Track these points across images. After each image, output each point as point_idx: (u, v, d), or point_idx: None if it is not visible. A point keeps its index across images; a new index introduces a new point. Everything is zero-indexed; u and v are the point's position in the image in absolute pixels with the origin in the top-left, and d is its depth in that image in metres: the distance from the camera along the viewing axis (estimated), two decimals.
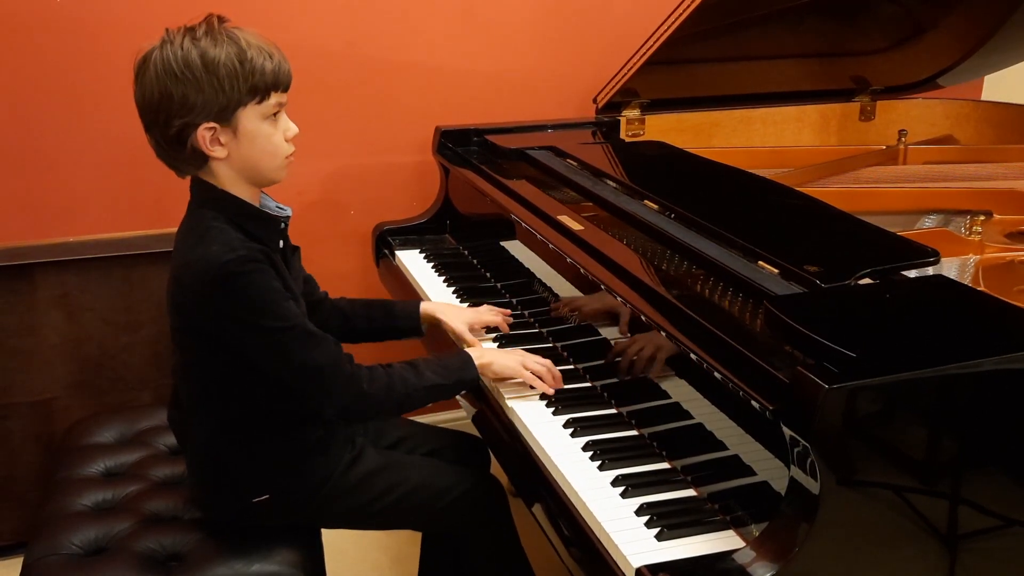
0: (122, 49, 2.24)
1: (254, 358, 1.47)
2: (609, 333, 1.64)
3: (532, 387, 1.63)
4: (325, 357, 1.48)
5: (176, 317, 1.51)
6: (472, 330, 1.83)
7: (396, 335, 1.87)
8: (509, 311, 1.89)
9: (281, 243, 1.55)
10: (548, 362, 1.66)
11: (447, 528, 1.76)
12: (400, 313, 1.86)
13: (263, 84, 1.42)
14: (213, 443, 1.56)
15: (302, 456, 1.58)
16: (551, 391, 1.62)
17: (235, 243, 1.42)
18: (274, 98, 1.45)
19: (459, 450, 1.87)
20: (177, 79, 1.38)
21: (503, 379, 1.65)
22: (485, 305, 1.91)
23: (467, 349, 1.67)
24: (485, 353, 1.66)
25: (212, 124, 1.41)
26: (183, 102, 1.39)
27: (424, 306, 1.87)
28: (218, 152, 1.44)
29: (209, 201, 1.48)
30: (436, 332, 1.90)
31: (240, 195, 1.49)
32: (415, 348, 2.02)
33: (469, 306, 1.94)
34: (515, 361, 1.64)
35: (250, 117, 1.43)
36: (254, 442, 1.55)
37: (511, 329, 1.87)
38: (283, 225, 1.55)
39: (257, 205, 1.52)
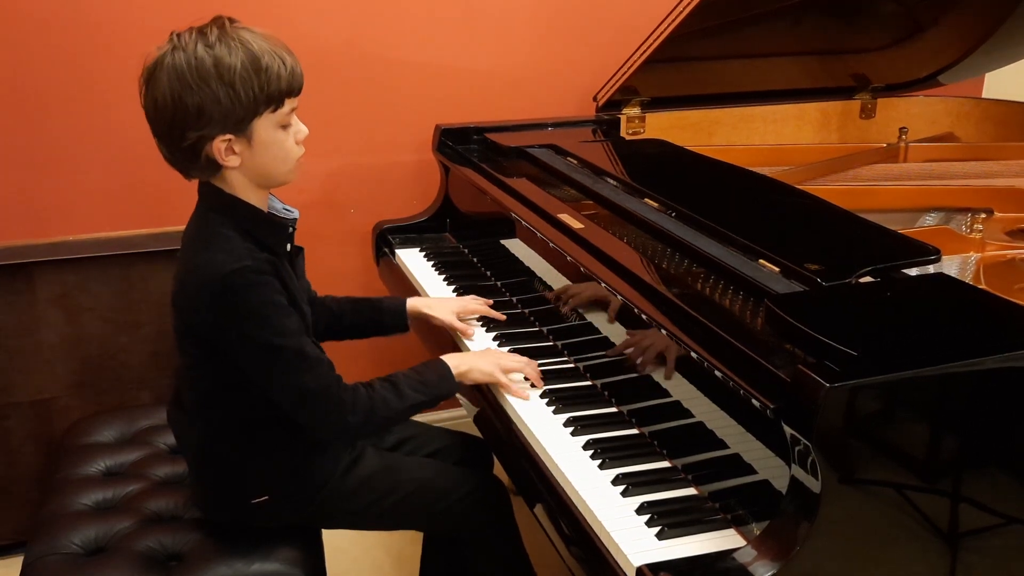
0: (122, 47, 2.25)
1: (246, 370, 1.46)
2: (609, 331, 1.64)
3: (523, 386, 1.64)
4: (314, 382, 1.45)
5: (178, 320, 1.50)
6: (461, 319, 1.86)
7: (383, 332, 1.87)
8: (491, 301, 1.92)
9: (288, 246, 1.54)
10: (524, 360, 1.66)
11: (449, 529, 1.76)
12: (387, 310, 1.85)
13: (278, 92, 1.39)
14: (213, 444, 1.55)
15: (302, 458, 1.58)
16: (527, 396, 1.61)
17: (241, 252, 1.41)
18: (288, 105, 1.42)
19: (461, 451, 1.87)
20: (192, 90, 1.35)
21: (483, 384, 1.66)
22: (469, 295, 1.94)
23: (445, 357, 1.65)
24: (463, 360, 1.64)
25: (228, 136, 1.39)
26: (198, 114, 1.36)
27: (411, 302, 1.87)
28: (232, 161, 1.42)
29: (218, 207, 1.46)
30: (425, 324, 1.91)
31: (250, 200, 1.47)
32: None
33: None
34: (492, 365, 1.63)
35: (265, 126, 1.41)
36: (254, 444, 1.55)
37: (511, 327, 1.87)
38: (291, 229, 1.54)
39: (266, 209, 1.51)
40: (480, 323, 1.89)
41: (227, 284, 1.38)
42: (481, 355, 1.68)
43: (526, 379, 1.65)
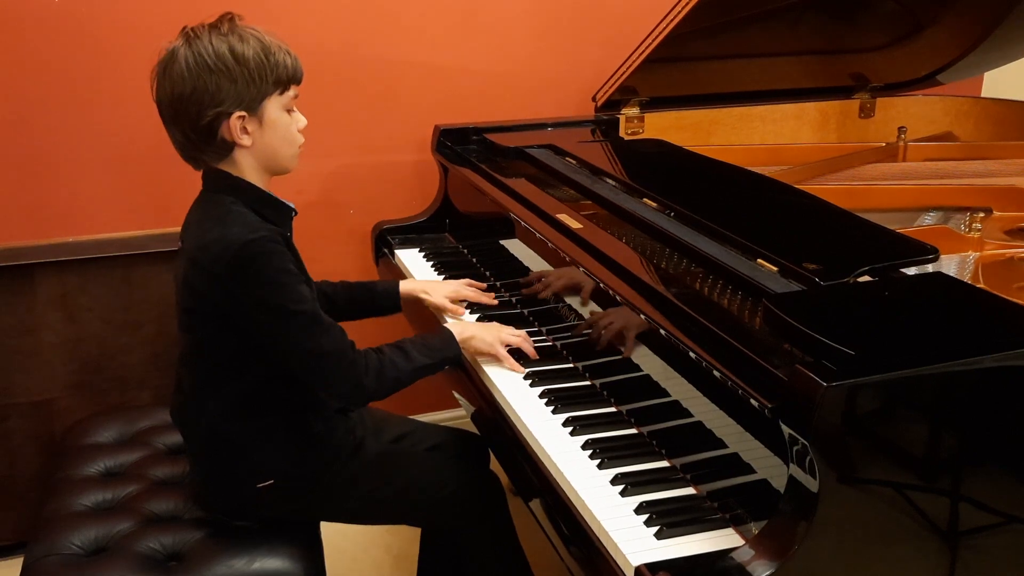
0: (122, 49, 2.25)
1: (263, 339, 1.51)
2: (608, 331, 1.64)
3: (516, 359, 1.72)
4: (331, 344, 1.52)
5: (189, 299, 1.54)
6: (453, 303, 1.92)
7: (376, 313, 1.94)
8: (485, 284, 1.99)
9: (289, 233, 1.59)
10: (522, 334, 1.75)
11: (444, 523, 1.77)
12: (381, 293, 1.93)
13: (285, 76, 1.52)
14: (217, 429, 1.58)
15: (305, 443, 1.60)
16: (523, 371, 1.69)
17: (256, 224, 1.48)
18: (292, 90, 1.54)
19: (459, 447, 1.89)
20: (211, 71, 1.45)
21: (482, 354, 1.72)
22: (463, 279, 1.99)
23: (448, 324, 1.73)
24: (466, 328, 1.73)
25: (242, 113, 1.48)
26: (217, 92, 1.46)
27: (404, 285, 1.94)
28: (245, 140, 1.50)
29: (227, 188, 1.53)
30: (417, 305, 1.97)
31: (256, 184, 1.55)
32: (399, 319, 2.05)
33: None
34: (493, 337, 1.72)
35: (274, 107, 1.52)
36: (258, 426, 1.58)
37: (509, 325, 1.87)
38: (293, 214, 1.61)
39: None
40: (469, 310, 1.93)
41: (247, 253, 1.44)
42: (483, 326, 1.76)
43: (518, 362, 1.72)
